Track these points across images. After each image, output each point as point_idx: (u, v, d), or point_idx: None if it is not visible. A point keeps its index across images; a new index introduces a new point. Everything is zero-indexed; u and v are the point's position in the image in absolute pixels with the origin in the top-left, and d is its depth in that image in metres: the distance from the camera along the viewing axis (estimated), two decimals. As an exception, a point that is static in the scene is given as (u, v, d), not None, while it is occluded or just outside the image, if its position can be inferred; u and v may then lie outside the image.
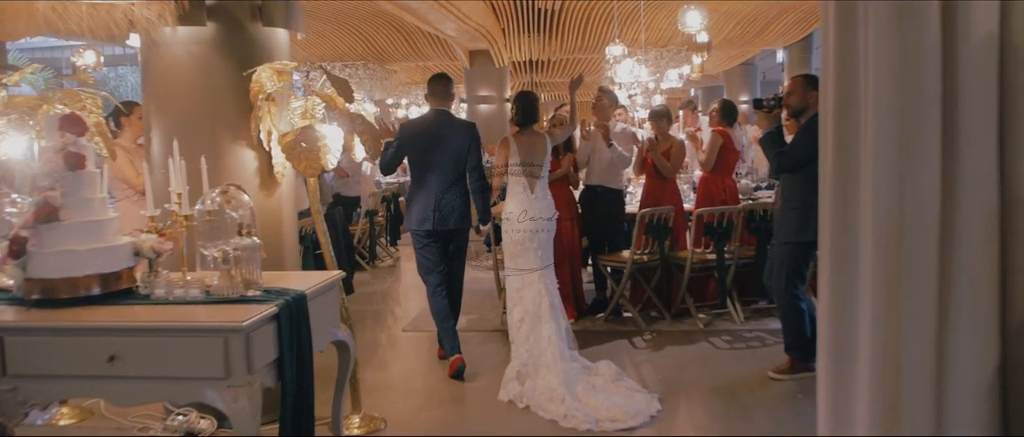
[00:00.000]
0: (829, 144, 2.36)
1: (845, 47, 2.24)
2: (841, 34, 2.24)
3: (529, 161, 4.57)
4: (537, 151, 4.60)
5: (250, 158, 3.80)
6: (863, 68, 2.18)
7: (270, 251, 3.84)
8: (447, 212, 4.66)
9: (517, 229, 4.51)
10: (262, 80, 3.68)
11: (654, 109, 6.32)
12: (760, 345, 5.28)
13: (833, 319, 2.29)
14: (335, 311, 3.38)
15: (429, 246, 4.75)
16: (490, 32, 11.24)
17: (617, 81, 8.88)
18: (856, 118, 2.23)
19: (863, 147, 2.21)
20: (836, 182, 2.35)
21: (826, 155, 2.39)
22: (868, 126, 2.16)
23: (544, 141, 4.68)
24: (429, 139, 4.70)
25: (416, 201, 4.73)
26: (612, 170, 6.06)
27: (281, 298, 2.84)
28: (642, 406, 4.04)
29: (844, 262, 2.28)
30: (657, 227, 5.69)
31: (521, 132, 4.66)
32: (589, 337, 5.52)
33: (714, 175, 6.10)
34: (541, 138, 4.68)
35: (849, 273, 2.26)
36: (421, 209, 4.69)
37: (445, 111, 4.82)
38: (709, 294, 6.16)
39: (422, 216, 4.68)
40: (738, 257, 5.80)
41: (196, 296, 2.88)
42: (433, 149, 4.67)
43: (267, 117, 3.73)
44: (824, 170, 2.42)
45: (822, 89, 2.40)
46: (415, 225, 4.73)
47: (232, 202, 3.17)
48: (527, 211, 4.51)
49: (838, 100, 2.29)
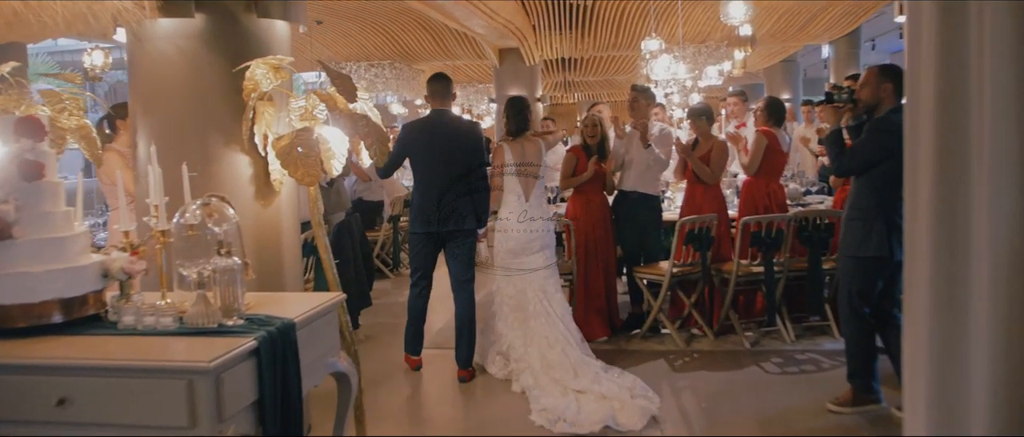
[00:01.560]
0: (926, 150, 1.88)
1: (949, 46, 1.79)
2: (945, 34, 1.80)
3: (524, 161, 4.65)
4: (532, 155, 4.69)
5: (244, 164, 3.41)
6: (977, 70, 1.73)
7: (268, 268, 3.47)
8: (449, 213, 4.57)
9: (517, 229, 4.61)
10: (256, 77, 3.29)
11: (693, 107, 5.81)
12: (815, 369, 4.76)
13: (938, 369, 1.81)
14: (333, 338, 2.97)
15: (427, 247, 4.68)
16: (520, 29, 10.81)
17: (653, 79, 8.37)
18: (964, 124, 1.77)
19: (975, 156, 1.74)
20: (936, 194, 1.86)
21: (921, 164, 1.91)
22: (983, 133, 1.70)
23: (538, 146, 4.75)
24: (431, 140, 4.60)
25: (418, 202, 4.66)
26: (648, 174, 5.59)
27: (263, 329, 2.44)
28: None
29: (951, 295, 1.80)
30: (699, 237, 5.21)
31: (514, 140, 4.71)
32: (623, 358, 5.05)
33: (758, 179, 5.58)
34: (535, 142, 4.75)
35: (957, 310, 1.78)
36: (423, 210, 4.61)
37: (446, 111, 4.72)
38: (755, 310, 5.65)
39: (425, 219, 4.60)
40: (788, 269, 5.29)
41: (167, 325, 2.49)
42: (436, 150, 4.58)
43: (263, 119, 3.34)
44: (916, 181, 1.94)
45: (911, 89, 1.93)
46: (418, 227, 4.65)
47: (214, 216, 2.78)
48: (526, 212, 4.64)
49: (940, 100, 1.81)
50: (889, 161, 3.62)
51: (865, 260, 3.82)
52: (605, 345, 5.37)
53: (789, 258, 5.27)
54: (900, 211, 3.70)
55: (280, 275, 3.51)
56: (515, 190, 4.68)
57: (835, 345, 5.17)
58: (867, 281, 3.85)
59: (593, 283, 5.47)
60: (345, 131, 3.19)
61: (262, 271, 3.43)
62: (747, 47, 7.10)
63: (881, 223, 3.73)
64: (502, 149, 4.69)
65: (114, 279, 2.65)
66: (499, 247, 4.70)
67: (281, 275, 3.52)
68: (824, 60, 19.42)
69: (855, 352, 3.96)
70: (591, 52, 12.81)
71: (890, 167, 3.65)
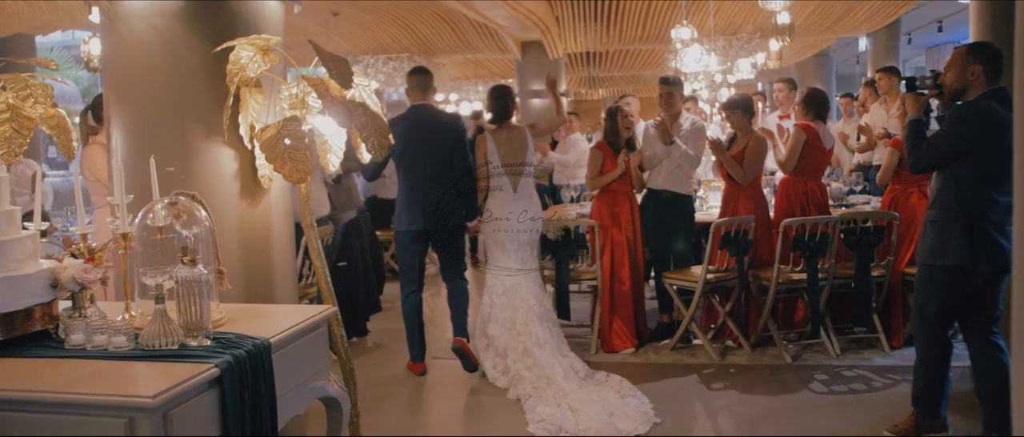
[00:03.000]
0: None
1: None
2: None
3: (510, 160, 4.50)
4: (517, 147, 4.52)
5: (228, 158, 3.03)
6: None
7: (255, 276, 3.10)
8: (434, 210, 4.45)
9: (497, 228, 4.48)
10: (242, 61, 2.91)
11: (730, 99, 5.33)
12: (866, 388, 4.30)
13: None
14: (321, 359, 2.59)
15: (414, 246, 4.56)
16: (543, 21, 10.38)
17: (683, 71, 7.91)
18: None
19: None
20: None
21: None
22: None
23: (524, 134, 4.56)
24: (414, 136, 4.46)
25: (404, 201, 4.53)
26: (680, 172, 5.15)
27: (228, 353, 2.06)
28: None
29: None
30: (735, 240, 4.76)
31: (499, 129, 4.54)
32: (651, 372, 4.64)
33: (795, 177, 5.10)
34: (520, 132, 4.56)
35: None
36: (409, 209, 4.49)
37: (428, 105, 4.61)
38: (796, 320, 5.19)
39: (411, 216, 4.48)
40: (833, 276, 4.83)
41: (120, 346, 2.12)
42: (419, 146, 4.46)
43: (250, 108, 2.96)
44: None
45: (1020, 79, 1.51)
46: (404, 226, 4.53)
47: (182, 217, 2.41)
48: (512, 211, 4.47)
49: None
50: (973, 154, 3.17)
51: (941, 270, 3.35)
52: (632, 357, 4.95)
53: (834, 264, 4.81)
54: (987, 213, 3.25)
55: (269, 283, 3.13)
56: (502, 185, 4.52)
57: (886, 360, 4.71)
58: (944, 294, 3.37)
59: (620, 290, 5.05)
60: (338, 121, 2.79)
61: (249, 279, 3.06)
62: (785, 37, 6.61)
63: (961, 227, 3.25)
64: (484, 139, 4.54)
65: (65, 290, 2.29)
66: (488, 244, 4.59)
67: (271, 284, 3.14)
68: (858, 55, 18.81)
69: (924, 373, 3.49)
70: (617, 45, 12.34)
71: (976, 162, 3.19)
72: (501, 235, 4.51)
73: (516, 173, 4.50)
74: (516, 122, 4.61)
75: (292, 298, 3.31)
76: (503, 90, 4.71)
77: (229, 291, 2.79)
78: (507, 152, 4.51)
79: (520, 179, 4.53)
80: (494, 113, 4.63)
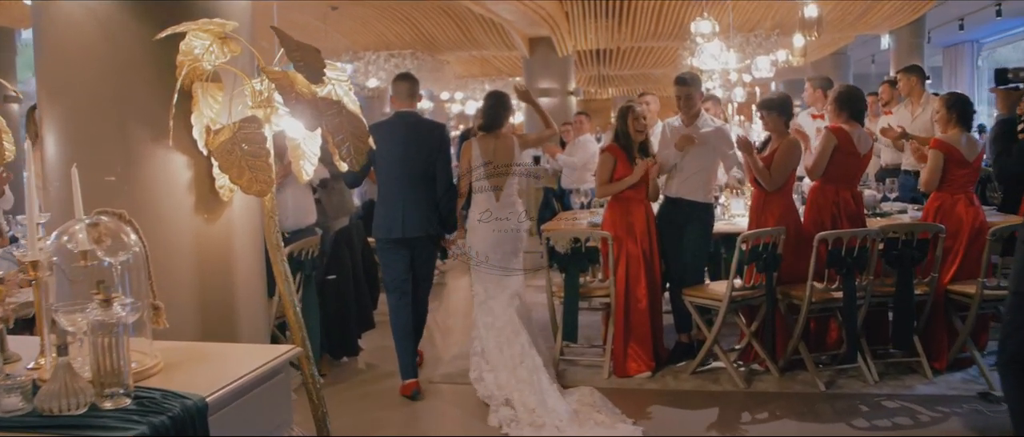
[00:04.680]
0: None
1: None
2: None
3: (495, 170, 4.41)
4: (502, 153, 4.42)
5: (180, 166, 2.59)
6: None
7: (213, 306, 2.65)
8: (413, 218, 4.36)
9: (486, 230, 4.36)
10: (194, 50, 2.46)
11: (766, 97, 4.84)
12: (912, 423, 3.82)
13: None
14: (281, 410, 2.15)
15: (396, 256, 4.43)
16: (552, 16, 9.93)
17: (701, 68, 7.42)
18: None
19: None
20: None
21: None
22: None
23: (511, 142, 4.48)
24: (396, 143, 4.35)
25: (382, 208, 4.45)
26: (698, 178, 4.70)
27: (145, 422, 1.61)
28: None
29: None
30: (762, 255, 4.30)
31: (486, 136, 4.45)
32: (669, 399, 4.19)
33: (825, 185, 4.63)
34: (508, 139, 4.48)
35: None
36: (387, 216, 4.39)
37: (411, 112, 4.51)
38: (828, 341, 4.72)
39: (389, 224, 4.37)
40: (871, 294, 4.36)
41: (13, 409, 1.68)
42: (400, 153, 4.36)
43: (205, 107, 2.51)
44: None
45: None
46: (382, 234, 4.43)
47: (107, 241, 1.97)
48: (491, 212, 4.37)
49: None
50: None
51: None
52: (648, 382, 4.50)
53: (872, 281, 4.34)
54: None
55: (231, 315, 2.68)
56: (485, 190, 4.43)
57: (930, 388, 4.24)
58: None
59: (636, 309, 4.59)
60: (305, 124, 2.34)
61: (206, 310, 2.61)
62: (812, 32, 6.12)
63: None
64: (470, 145, 4.47)
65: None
66: (471, 249, 4.48)
67: (232, 315, 2.69)
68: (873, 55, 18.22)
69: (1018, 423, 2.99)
70: (629, 42, 11.88)
71: None
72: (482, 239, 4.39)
73: (499, 184, 4.39)
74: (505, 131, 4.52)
75: (260, 331, 2.86)
76: (498, 98, 4.58)
77: (182, 326, 2.36)
78: (492, 157, 4.41)
79: (503, 189, 4.40)
80: (485, 120, 4.52)
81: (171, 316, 2.25)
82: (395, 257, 4.42)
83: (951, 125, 4.61)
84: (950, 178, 4.55)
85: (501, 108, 4.50)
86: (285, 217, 4.46)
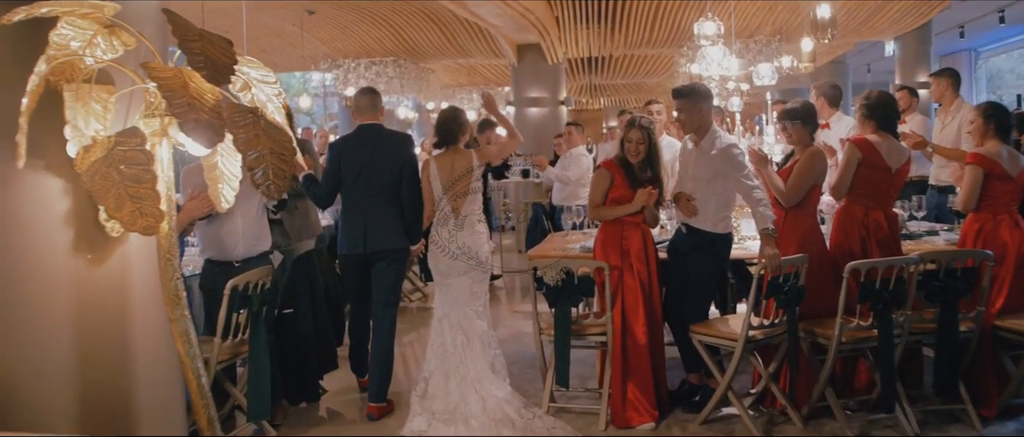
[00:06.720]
0: None
1: None
2: None
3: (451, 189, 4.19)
4: (460, 169, 4.22)
5: (54, 193, 1.99)
6: None
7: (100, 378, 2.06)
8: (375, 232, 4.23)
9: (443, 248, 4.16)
10: (71, 44, 1.88)
11: (789, 107, 4.27)
12: (964, 488, 3.24)
13: None
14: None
15: (357, 271, 4.33)
16: (541, 21, 9.38)
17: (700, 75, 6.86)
18: None
19: None
20: None
21: None
22: None
23: (469, 159, 4.25)
24: (361, 157, 4.25)
25: (346, 223, 4.33)
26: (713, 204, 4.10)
27: None
28: None
29: None
30: (783, 287, 3.72)
31: (443, 154, 4.28)
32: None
33: (852, 205, 4.08)
34: (466, 156, 4.27)
35: None
36: (351, 231, 4.27)
37: (376, 125, 4.40)
38: (856, 385, 4.14)
39: (352, 239, 4.26)
40: (909, 332, 3.79)
41: None
42: (365, 167, 4.25)
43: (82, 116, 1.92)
44: None
45: None
46: (345, 249, 4.31)
47: None
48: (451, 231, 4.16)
49: None
50: None
51: None
52: (653, 433, 3.91)
53: (910, 316, 3.77)
54: None
55: (123, 390, 2.08)
56: (445, 214, 4.24)
57: (976, 441, 3.67)
58: None
59: (634, 347, 4.00)
60: (199, 139, 1.74)
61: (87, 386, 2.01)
62: (825, 34, 5.58)
63: None
64: (428, 164, 4.30)
65: None
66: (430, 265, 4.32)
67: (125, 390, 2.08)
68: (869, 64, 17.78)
69: None
70: (622, 49, 11.36)
71: None
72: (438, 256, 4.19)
73: (458, 194, 4.19)
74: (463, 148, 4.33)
75: (172, 420, 2.25)
76: (451, 113, 4.40)
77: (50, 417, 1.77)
78: (448, 175, 4.18)
79: (463, 201, 4.19)
80: (438, 137, 4.34)
81: (37, 402, 1.66)
82: (354, 272, 4.34)
83: (989, 137, 4.11)
84: (991, 196, 4.02)
85: (453, 123, 4.30)
86: (235, 244, 3.88)
